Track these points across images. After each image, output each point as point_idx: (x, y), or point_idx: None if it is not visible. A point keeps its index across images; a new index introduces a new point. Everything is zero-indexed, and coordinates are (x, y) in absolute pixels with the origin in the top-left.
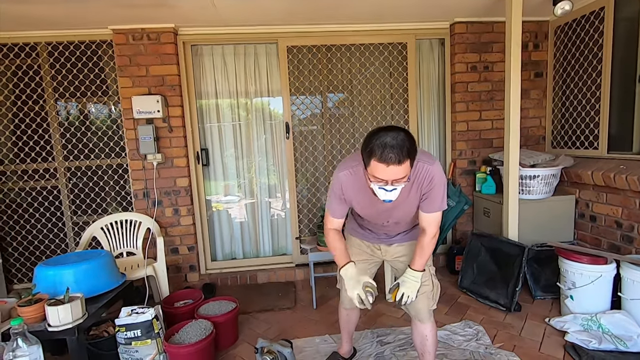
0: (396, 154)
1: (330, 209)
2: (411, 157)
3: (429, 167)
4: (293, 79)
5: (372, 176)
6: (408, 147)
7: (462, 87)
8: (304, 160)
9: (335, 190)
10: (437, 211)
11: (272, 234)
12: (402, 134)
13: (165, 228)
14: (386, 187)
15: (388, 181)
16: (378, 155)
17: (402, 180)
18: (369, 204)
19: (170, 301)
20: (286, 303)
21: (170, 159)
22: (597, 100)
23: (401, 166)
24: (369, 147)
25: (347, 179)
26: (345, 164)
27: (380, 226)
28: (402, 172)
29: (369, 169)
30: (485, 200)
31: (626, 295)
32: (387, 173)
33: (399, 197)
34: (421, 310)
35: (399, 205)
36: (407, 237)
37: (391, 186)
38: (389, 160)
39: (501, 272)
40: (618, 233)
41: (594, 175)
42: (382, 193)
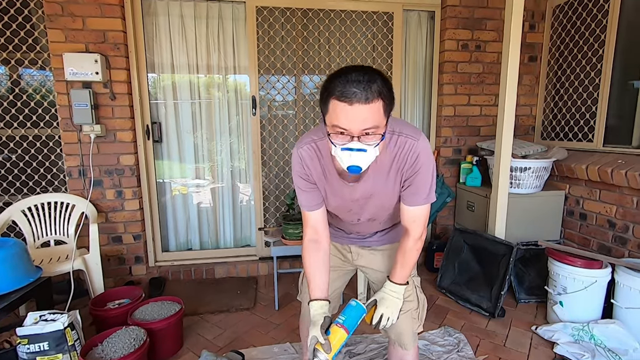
0: (363, 89)
1: (301, 201)
2: (384, 101)
3: (413, 142)
4: (263, 46)
5: (331, 127)
6: (380, 85)
7: (451, 67)
8: (272, 141)
9: (298, 171)
10: (423, 204)
11: (235, 222)
12: (373, 71)
13: (105, 213)
14: (351, 145)
15: (353, 133)
16: (339, 92)
17: (372, 134)
18: (336, 189)
19: (102, 301)
20: (245, 302)
21: (113, 131)
22: (596, 88)
23: (369, 106)
24: (328, 85)
25: (308, 154)
26: (305, 137)
27: (350, 224)
28: (371, 115)
29: (328, 117)
30: (470, 193)
31: (620, 303)
32: (351, 116)
33: (374, 181)
34: (403, 334)
35: (374, 194)
36: (385, 239)
37: (358, 143)
38: (353, 96)
39: (485, 273)
40: (610, 233)
41: (588, 170)
42: (346, 156)
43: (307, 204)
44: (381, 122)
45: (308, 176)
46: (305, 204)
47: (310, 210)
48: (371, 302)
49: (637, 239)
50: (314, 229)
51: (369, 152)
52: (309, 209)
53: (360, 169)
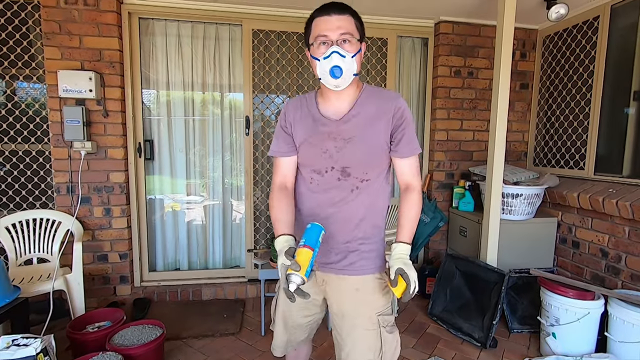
0: (337, 6)
1: (272, 148)
2: (356, 19)
3: (397, 95)
4: (258, 67)
5: (314, 39)
6: (352, 11)
7: (443, 93)
8: (264, 161)
9: (280, 120)
10: (415, 154)
11: (225, 242)
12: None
13: (92, 231)
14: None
15: (332, 39)
16: (318, 11)
17: (350, 40)
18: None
19: (81, 323)
20: (230, 327)
21: (104, 148)
22: (586, 116)
23: (344, 16)
24: (311, 16)
25: (294, 104)
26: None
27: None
28: (345, 24)
29: (312, 35)
30: (462, 218)
31: (614, 336)
32: (330, 23)
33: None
34: None
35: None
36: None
37: (337, 47)
38: (330, 9)
39: (477, 301)
40: (603, 263)
41: (580, 198)
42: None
43: (281, 149)
44: (355, 33)
45: (287, 126)
46: (277, 149)
47: (283, 156)
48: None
49: (630, 269)
50: (284, 175)
51: (347, 59)
52: (282, 155)
53: (341, 69)
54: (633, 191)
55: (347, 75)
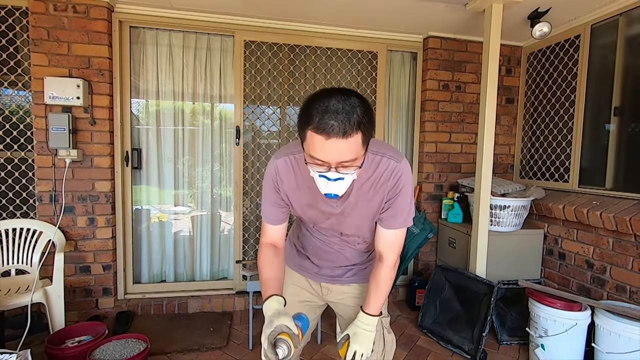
0: (341, 121)
1: (264, 212)
2: (363, 132)
3: (395, 164)
4: (249, 78)
5: (308, 156)
6: (360, 115)
7: (432, 106)
8: (254, 171)
9: (269, 182)
10: (400, 227)
11: (212, 254)
12: (354, 97)
13: (75, 241)
14: (328, 175)
15: (330, 164)
16: (315, 122)
17: (350, 165)
18: (311, 200)
19: (61, 338)
20: (217, 341)
21: (90, 157)
22: (570, 130)
23: (347, 140)
24: (305, 112)
25: (285, 167)
26: (283, 150)
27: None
28: (348, 150)
29: (305, 145)
30: (451, 230)
31: (601, 347)
32: (328, 150)
33: (355, 198)
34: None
35: (353, 210)
36: (356, 278)
37: (335, 173)
38: (330, 130)
39: (466, 313)
40: (589, 274)
41: (565, 210)
42: (323, 183)
43: (272, 217)
44: (359, 154)
45: (279, 190)
46: (269, 216)
47: (273, 224)
48: (344, 337)
49: (615, 280)
50: (272, 239)
51: (347, 180)
52: (273, 223)
53: (337, 196)
54: (616, 203)
55: (344, 190)
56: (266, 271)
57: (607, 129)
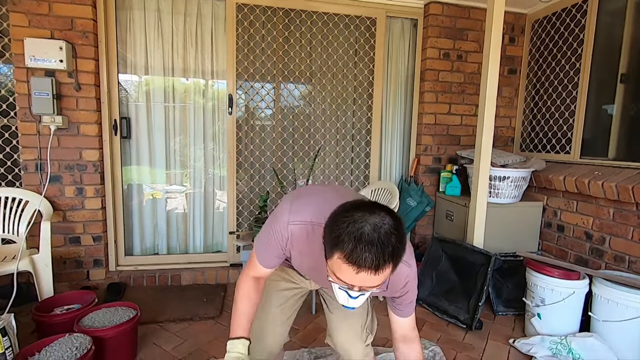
0: (375, 255)
1: (260, 255)
2: (395, 261)
3: (407, 269)
4: (242, 44)
5: (332, 273)
6: (394, 245)
7: (432, 75)
8: (248, 142)
9: (277, 241)
10: (413, 313)
11: (206, 227)
12: (389, 220)
13: (63, 211)
14: (350, 292)
15: (355, 286)
16: (347, 252)
17: (375, 288)
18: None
19: (49, 306)
20: (210, 311)
21: (76, 124)
22: (573, 100)
23: (378, 275)
24: (336, 232)
25: (299, 235)
26: (302, 208)
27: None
28: (377, 281)
29: (330, 262)
30: (449, 202)
31: (598, 315)
32: (356, 280)
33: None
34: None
35: None
36: None
37: (357, 292)
38: (362, 264)
39: (463, 284)
40: (587, 245)
41: (566, 181)
42: (343, 297)
43: (266, 264)
44: (387, 279)
45: (284, 248)
46: (264, 262)
47: (267, 268)
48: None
49: (613, 251)
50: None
51: (367, 295)
52: (266, 267)
53: (354, 308)
54: (618, 173)
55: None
56: (242, 305)
57: (613, 95)
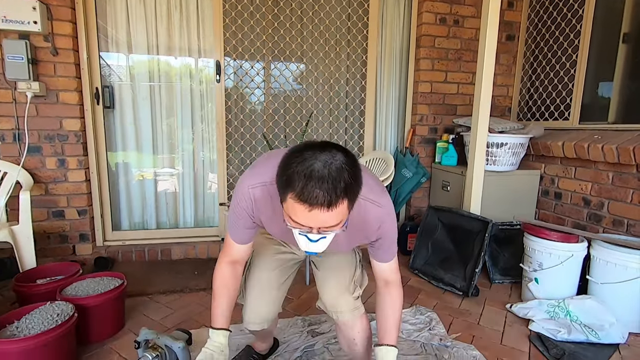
0: (326, 190)
1: (231, 230)
2: (350, 197)
3: (379, 209)
4: (229, 7)
5: (288, 217)
6: (347, 180)
7: (428, 41)
8: (237, 111)
9: (243, 208)
10: (394, 257)
11: (196, 201)
12: (341, 157)
13: (45, 184)
14: (309, 236)
15: (312, 228)
16: (297, 190)
17: (333, 229)
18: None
19: (31, 277)
20: (201, 283)
21: (55, 91)
22: (573, 64)
23: (332, 212)
24: (287, 172)
25: (262, 197)
26: (259, 173)
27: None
28: (332, 218)
29: (285, 205)
30: (445, 172)
31: (596, 278)
32: (310, 219)
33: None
34: (339, 302)
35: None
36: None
37: (317, 234)
38: (314, 201)
39: (459, 252)
40: (585, 211)
41: (565, 147)
42: (304, 242)
43: (239, 239)
44: (344, 217)
45: (254, 216)
46: (237, 238)
47: (241, 243)
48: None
49: (612, 215)
50: (234, 259)
51: (328, 238)
52: (240, 242)
53: (317, 253)
54: (618, 135)
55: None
56: (220, 296)
57: (611, 74)
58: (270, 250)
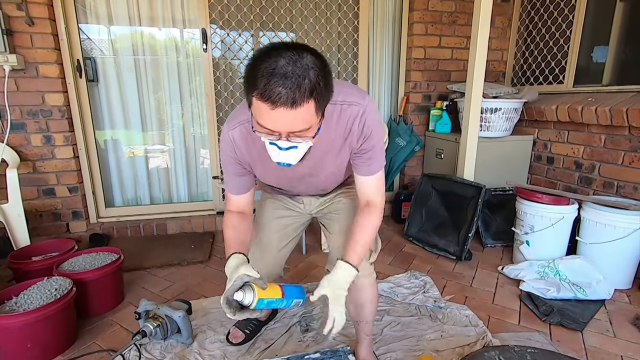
0: (289, 88)
1: (226, 184)
2: (317, 99)
3: (359, 109)
4: None
5: (256, 123)
6: (313, 80)
7: (421, 4)
8: (227, 82)
9: (228, 154)
10: (379, 171)
11: (189, 176)
12: (309, 57)
13: (32, 162)
14: (279, 144)
15: (281, 133)
16: (260, 88)
17: (303, 134)
18: (274, 168)
19: (26, 254)
20: (198, 256)
21: (34, 64)
22: (570, 25)
23: (296, 111)
24: (251, 73)
25: (240, 136)
26: (234, 116)
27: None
28: (298, 120)
29: (252, 110)
30: (439, 140)
31: (585, 239)
32: (275, 119)
33: (318, 159)
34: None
35: (318, 171)
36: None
37: (286, 142)
38: (276, 99)
39: (453, 218)
40: (576, 175)
41: (558, 110)
42: (275, 152)
43: (236, 189)
44: (312, 122)
45: (240, 159)
46: (233, 189)
47: (239, 194)
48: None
49: (602, 177)
50: (238, 208)
51: (300, 148)
52: (238, 193)
53: (290, 165)
54: (612, 98)
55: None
56: (228, 233)
57: (607, 35)
58: (273, 215)
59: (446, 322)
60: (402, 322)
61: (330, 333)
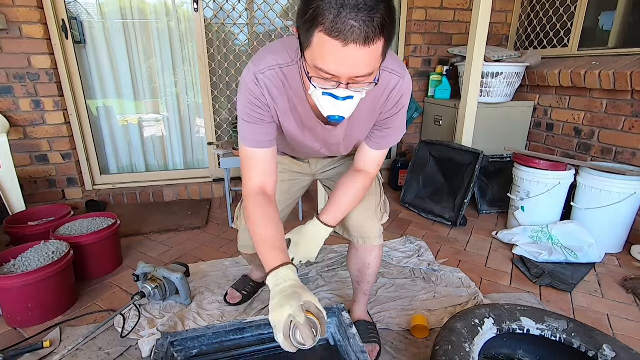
0: (362, 21)
1: (244, 135)
2: (387, 37)
3: (399, 80)
4: None
5: (314, 68)
6: (384, 13)
7: None
8: (220, 45)
9: (256, 98)
10: (390, 146)
11: (184, 144)
12: None
13: (23, 127)
14: (336, 93)
15: (341, 79)
16: (330, 22)
17: (363, 82)
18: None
19: (22, 220)
20: (196, 222)
21: (17, 24)
22: None
23: (368, 49)
24: (313, 5)
25: (274, 83)
26: (266, 58)
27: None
28: (367, 60)
29: (310, 53)
30: (438, 107)
31: (580, 205)
32: (343, 60)
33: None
34: (366, 227)
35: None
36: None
37: (345, 90)
38: (349, 34)
39: (449, 184)
40: (575, 141)
41: (561, 75)
42: (329, 103)
43: (257, 138)
44: (377, 66)
45: (268, 107)
46: (253, 138)
47: (261, 147)
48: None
49: (601, 143)
50: (264, 175)
51: (355, 99)
52: (259, 145)
53: (343, 118)
54: (617, 61)
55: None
56: (262, 229)
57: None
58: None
59: (439, 284)
60: (396, 284)
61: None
